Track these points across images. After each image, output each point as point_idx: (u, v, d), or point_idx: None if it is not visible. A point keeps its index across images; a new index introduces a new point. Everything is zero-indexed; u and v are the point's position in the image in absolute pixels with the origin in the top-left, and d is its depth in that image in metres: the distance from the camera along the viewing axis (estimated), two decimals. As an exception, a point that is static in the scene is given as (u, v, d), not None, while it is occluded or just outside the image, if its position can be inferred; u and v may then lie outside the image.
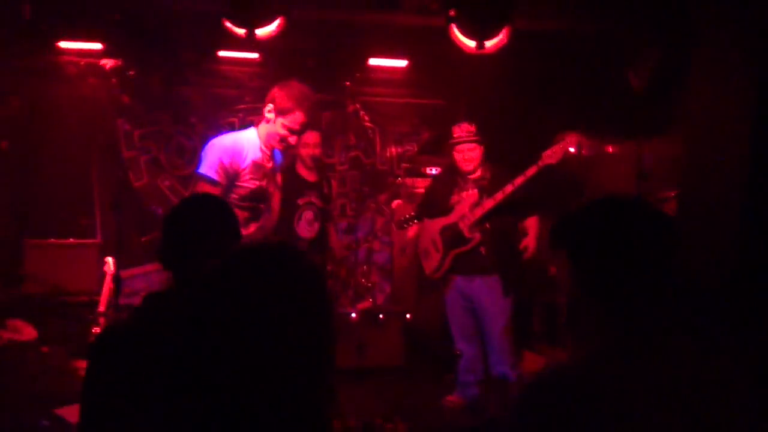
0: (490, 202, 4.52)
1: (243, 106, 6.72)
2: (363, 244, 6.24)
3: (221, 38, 4.60)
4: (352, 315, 5.71)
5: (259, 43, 5.76)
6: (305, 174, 5.21)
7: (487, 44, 4.26)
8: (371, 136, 6.85)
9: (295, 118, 3.57)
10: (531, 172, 4.42)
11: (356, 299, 6.43)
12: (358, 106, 6.05)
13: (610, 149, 6.12)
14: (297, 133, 3.64)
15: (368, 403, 4.79)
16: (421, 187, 6.16)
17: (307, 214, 5.13)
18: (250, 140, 3.65)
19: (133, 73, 6.25)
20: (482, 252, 4.65)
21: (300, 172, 5.23)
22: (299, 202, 5.12)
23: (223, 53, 6.25)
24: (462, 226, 4.65)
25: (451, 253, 4.72)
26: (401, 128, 6.99)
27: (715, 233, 3.11)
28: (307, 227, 5.11)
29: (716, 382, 1.39)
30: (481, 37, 4.21)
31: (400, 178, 6.49)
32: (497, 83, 6.04)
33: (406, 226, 5.01)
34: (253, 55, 6.28)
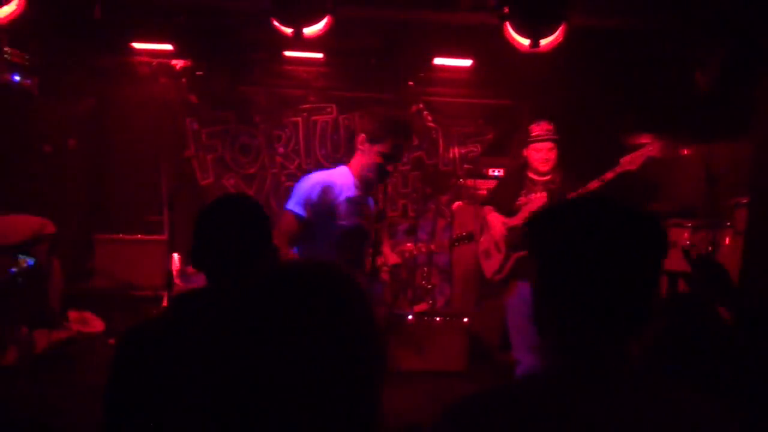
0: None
1: (307, 106, 6.78)
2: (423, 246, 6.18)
3: (286, 38, 4.62)
4: (409, 317, 5.67)
5: (323, 42, 5.82)
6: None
7: (542, 42, 4.12)
8: (434, 136, 6.79)
9: (389, 144, 3.48)
10: (608, 176, 4.26)
11: (415, 301, 6.38)
12: (421, 106, 6.01)
13: (685, 152, 5.90)
14: (394, 159, 3.54)
15: (425, 405, 4.74)
16: (483, 188, 6.05)
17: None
18: (343, 176, 3.54)
19: (201, 73, 6.37)
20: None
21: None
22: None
23: (288, 53, 6.29)
24: None
25: (514, 256, 4.60)
26: (465, 129, 6.89)
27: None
28: None
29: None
30: (536, 36, 4.07)
31: (462, 180, 6.41)
32: (563, 83, 5.89)
33: (457, 244, 4.90)
34: (318, 55, 6.31)
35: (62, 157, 6.06)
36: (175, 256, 5.62)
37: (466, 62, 6.18)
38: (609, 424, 1.14)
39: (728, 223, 4.69)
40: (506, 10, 4.07)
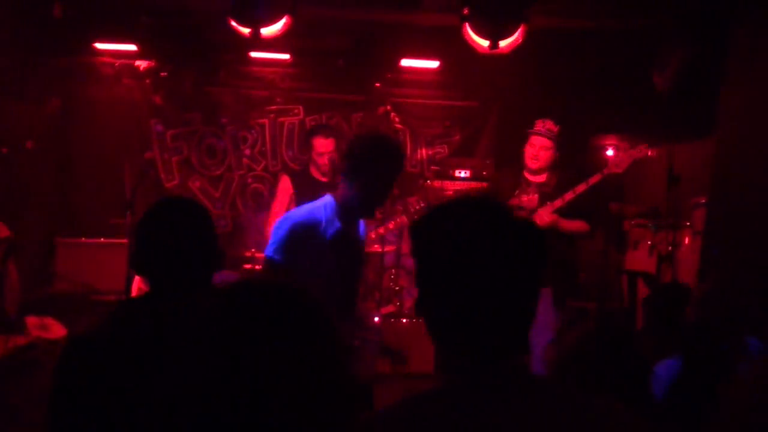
0: (549, 214, 4.35)
1: (274, 107, 6.73)
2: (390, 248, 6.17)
3: (252, 39, 4.58)
4: (375, 319, 5.64)
5: (290, 43, 5.79)
6: (318, 176, 5.18)
7: (502, 44, 4.12)
8: (401, 138, 6.77)
9: (377, 173, 2.91)
10: (594, 180, 4.28)
11: (382, 303, 6.35)
12: (388, 108, 5.99)
13: (649, 153, 5.95)
14: (382, 189, 2.99)
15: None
16: (450, 189, 6.04)
17: None
18: (327, 209, 2.97)
19: (165, 74, 6.30)
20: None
21: (314, 174, 5.20)
22: None
23: (254, 54, 6.25)
24: None
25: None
26: (432, 130, 6.89)
27: (745, 242, 2.96)
28: None
29: None
30: (495, 37, 4.06)
31: (429, 181, 6.40)
32: (530, 85, 5.92)
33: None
34: (284, 56, 6.27)
35: (20, 159, 5.94)
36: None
37: (433, 64, 6.18)
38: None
39: (687, 223, 4.73)
40: (466, 12, 4.06)
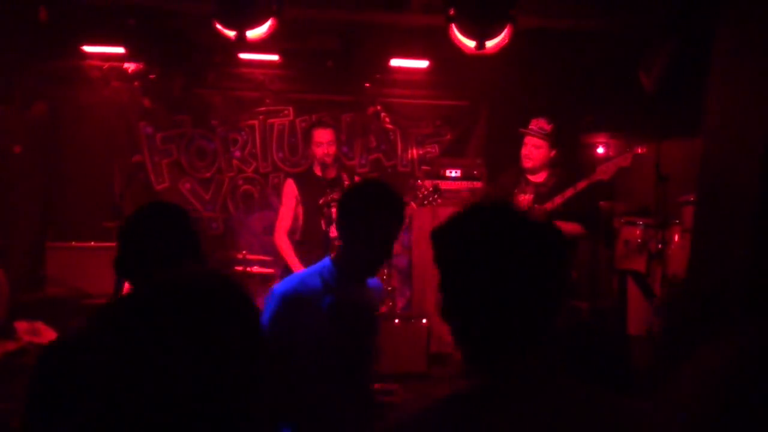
0: (541, 215, 4.35)
1: (263, 109, 6.71)
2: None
3: (238, 42, 4.56)
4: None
5: (279, 45, 5.77)
6: (322, 173, 5.12)
7: (488, 44, 4.12)
8: (392, 138, 6.77)
9: (376, 224, 2.43)
10: (582, 185, 4.34)
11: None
12: (378, 108, 5.98)
13: (639, 150, 5.98)
14: (384, 246, 2.46)
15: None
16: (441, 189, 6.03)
17: (334, 213, 4.98)
18: (323, 275, 2.48)
19: (154, 77, 6.28)
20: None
21: (316, 171, 5.14)
22: (321, 203, 4.98)
23: (243, 55, 6.23)
24: None
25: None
26: (423, 130, 6.89)
27: (731, 240, 2.97)
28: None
29: None
30: (482, 37, 4.06)
31: (420, 181, 6.39)
32: (520, 84, 5.92)
33: (426, 203, 4.78)
34: (273, 57, 6.26)
35: (8, 163, 5.90)
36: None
37: (423, 63, 6.17)
38: None
39: (677, 221, 4.76)
40: (452, 12, 4.06)
